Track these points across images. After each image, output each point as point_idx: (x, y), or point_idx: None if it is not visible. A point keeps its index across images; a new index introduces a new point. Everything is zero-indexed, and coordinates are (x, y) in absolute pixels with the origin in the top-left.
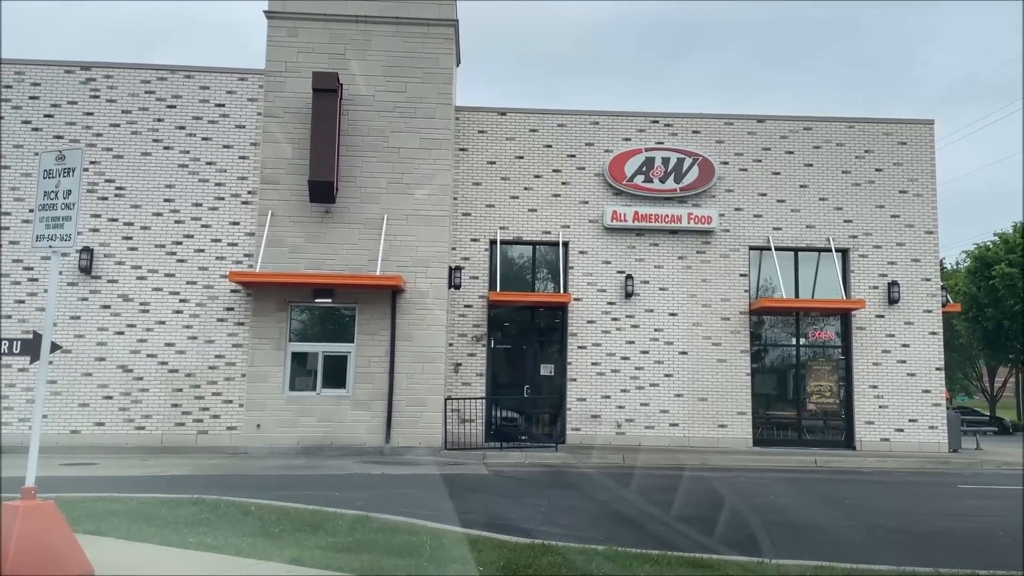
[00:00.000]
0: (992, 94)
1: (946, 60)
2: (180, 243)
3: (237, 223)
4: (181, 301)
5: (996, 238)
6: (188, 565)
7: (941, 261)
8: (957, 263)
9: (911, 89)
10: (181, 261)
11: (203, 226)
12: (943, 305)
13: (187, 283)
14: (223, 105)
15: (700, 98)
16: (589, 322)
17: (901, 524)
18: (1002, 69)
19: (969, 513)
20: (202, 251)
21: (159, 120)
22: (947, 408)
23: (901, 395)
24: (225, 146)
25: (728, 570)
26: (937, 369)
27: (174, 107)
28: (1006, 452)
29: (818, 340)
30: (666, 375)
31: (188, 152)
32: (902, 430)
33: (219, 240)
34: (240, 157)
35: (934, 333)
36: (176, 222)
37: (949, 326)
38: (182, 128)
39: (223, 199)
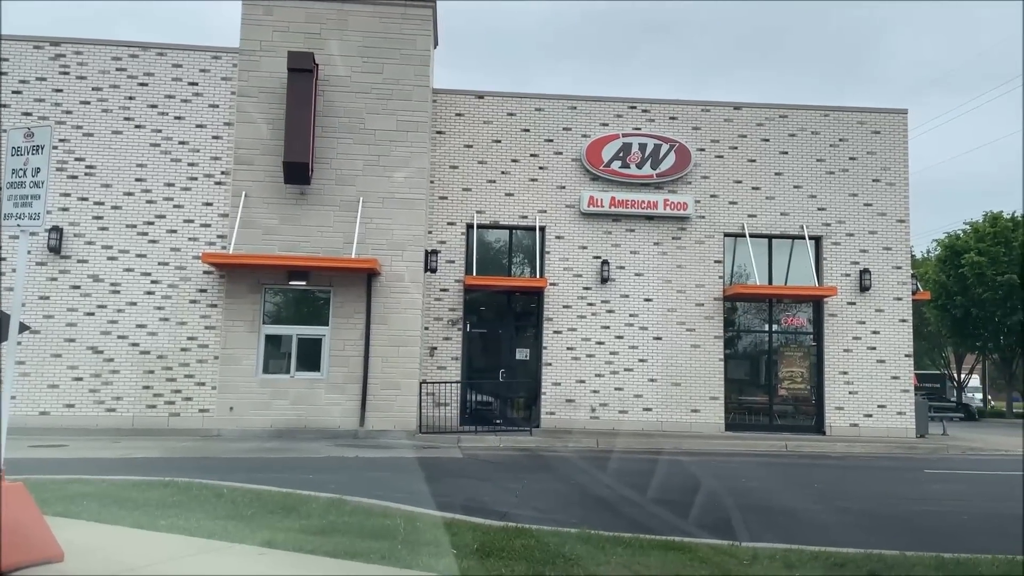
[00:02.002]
0: (961, 86)
1: (914, 51)
2: (152, 223)
3: (210, 204)
4: (153, 282)
5: (966, 227)
6: (159, 547)
7: (912, 249)
8: (927, 252)
9: (879, 78)
10: (153, 242)
11: (175, 206)
12: (913, 293)
13: (159, 264)
14: (196, 84)
15: (669, 83)
16: (565, 307)
17: (869, 507)
18: (972, 61)
19: (935, 497)
20: (174, 232)
21: (130, 98)
22: (917, 394)
23: (870, 381)
24: (198, 125)
25: (700, 552)
26: (906, 356)
27: (146, 85)
28: (972, 438)
29: (790, 326)
30: (640, 360)
31: (160, 131)
32: (871, 416)
33: (192, 221)
34: (213, 137)
35: (904, 320)
36: (148, 202)
37: (918, 314)
38: (154, 106)
39: (196, 179)
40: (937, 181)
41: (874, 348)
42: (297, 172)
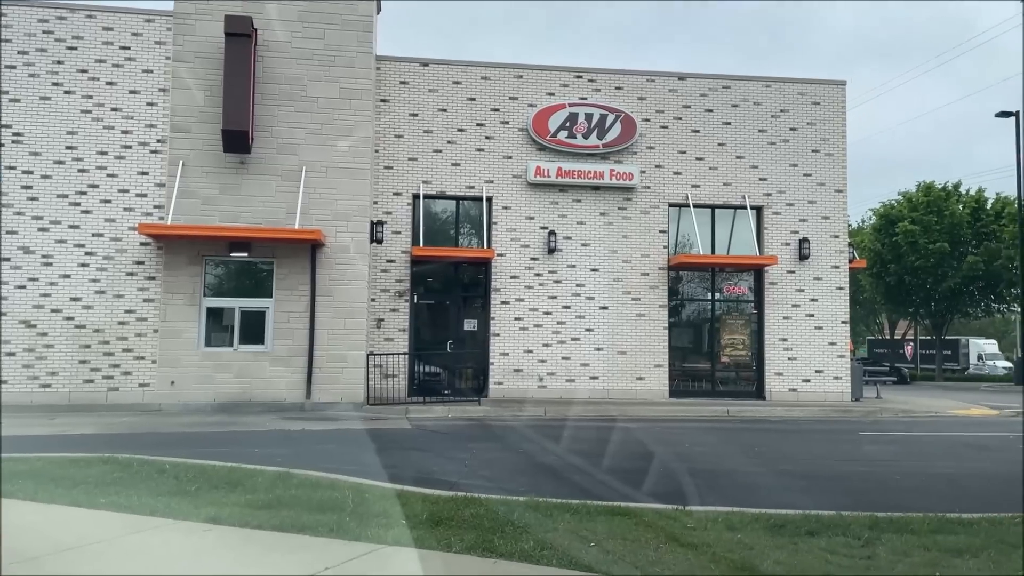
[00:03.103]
0: (895, 59)
1: (847, 23)
2: (84, 193)
3: (146, 173)
4: (87, 254)
5: (900, 197)
6: (99, 526)
7: (849, 219)
8: (863, 221)
9: (816, 49)
10: (86, 212)
11: (109, 175)
12: (850, 261)
13: (93, 235)
14: (128, 48)
15: (612, 50)
16: (512, 277)
17: (807, 470)
18: (905, 35)
19: (869, 458)
20: (108, 202)
21: (59, 62)
22: (851, 359)
23: (809, 347)
24: (131, 91)
25: (646, 517)
26: (843, 322)
27: (75, 49)
28: (903, 400)
29: (732, 295)
30: (587, 329)
31: (91, 97)
32: (809, 381)
33: (127, 191)
34: (148, 103)
35: (841, 288)
36: (80, 171)
37: (854, 281)
38: (84, 71)
39: (130, 147)
40: (873, 152)
41: (812, 315)
42: (236, 140)
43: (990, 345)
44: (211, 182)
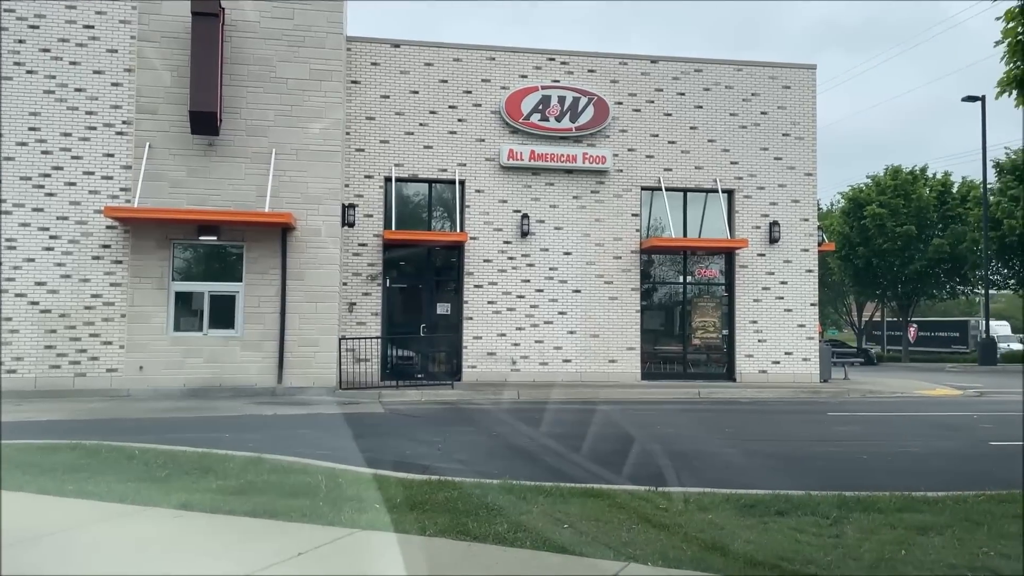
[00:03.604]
0: (862, 45)
1: (817, 7)
2: (48, 175)
3: (111, 155)
4: (52, 238)
5: (869, 180)
6: (67, 513)
7: (818, 202)
8: (832, 204)
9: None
10: (50, 195)
11: (73, 157)
12: (819, 244)
13: (58, 218)
14: (92, 27)
15: (586, 33)
16: (485, 261)
17: (776, 450)
18: (871, 18)
19: (837, 439)
20: (73, 184)
21: (20, 41)
22: (819, 341)
23: (778, 330)
24: (96, 72)
25: (619, 498)
26: (812, 305)
27: (37, 27)
28: (870, 381)
29: (704, 278)
30: (560, 313)
31: (54, 77)
32: (778, 362)
33: (92, 173)
34: (113, 84)
35: (810, 271)
36: (43, 152)
37: (823, 264)
38: (46, 51)
39: (95, 129)
40: (842, 136)
41: (782, 298)
42: (204, 122)
43: (1002, 326)
44: (179, 164)
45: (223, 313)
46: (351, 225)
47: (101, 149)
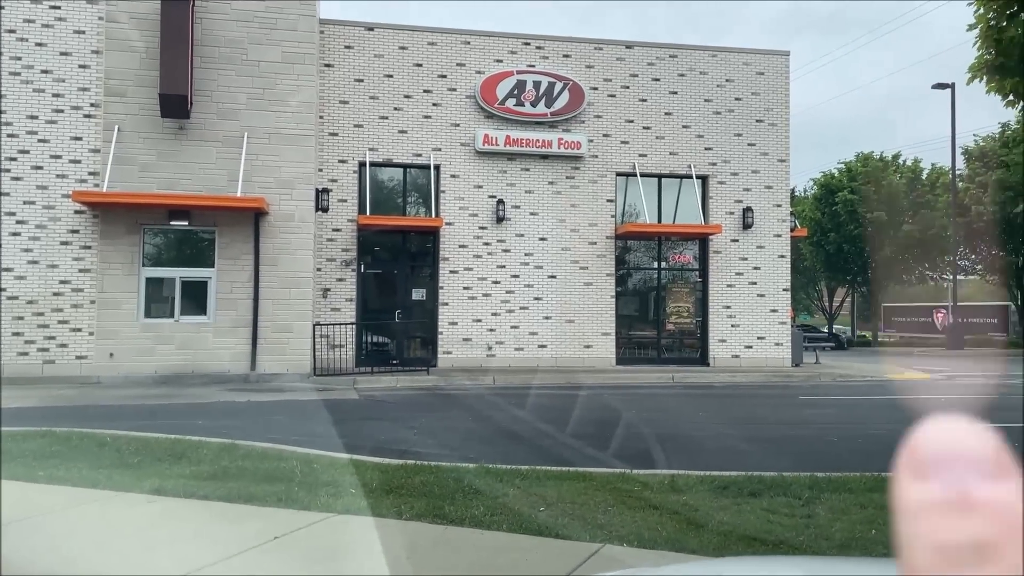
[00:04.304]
0: (831, 28)
1: None
2: (14, 159)
3: (79, 138)
4: (18, 223)
5: (840, 167)
6: (38, 499)
7: (792, 189)
8: (804, 190)
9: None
10: (16, 179)
11: (40, 141)
12: (791, 230)
13: (24, 203)
14: (58, 7)
15: (564, 15)
16: (461, 246)
17: (749, 433)
18: (841, 8)
19: (808, 421)
20: (40, 168)
21: None
22: (791, 326)
23: (751, 314)
24: (62, 53)
25: (595, 481)
26: (784, 290)
27: (1, 7)
28: (841, 365)
29: (678, 263)
30: (535, 298)
31: (20, 59)
32: (751, 347)
33: (59, 156)
34: (80, 66)
35: (782, 256)
36: (9, 136)
37: (795, 249)
38: (11, 32)
39: (62, 112)
40: (814, 122)
41: (755, 283)
42: (174, 105)
43: None
44: (148, 148)
45: (195, 299)
46: (325, 210)
47: (68, 132)
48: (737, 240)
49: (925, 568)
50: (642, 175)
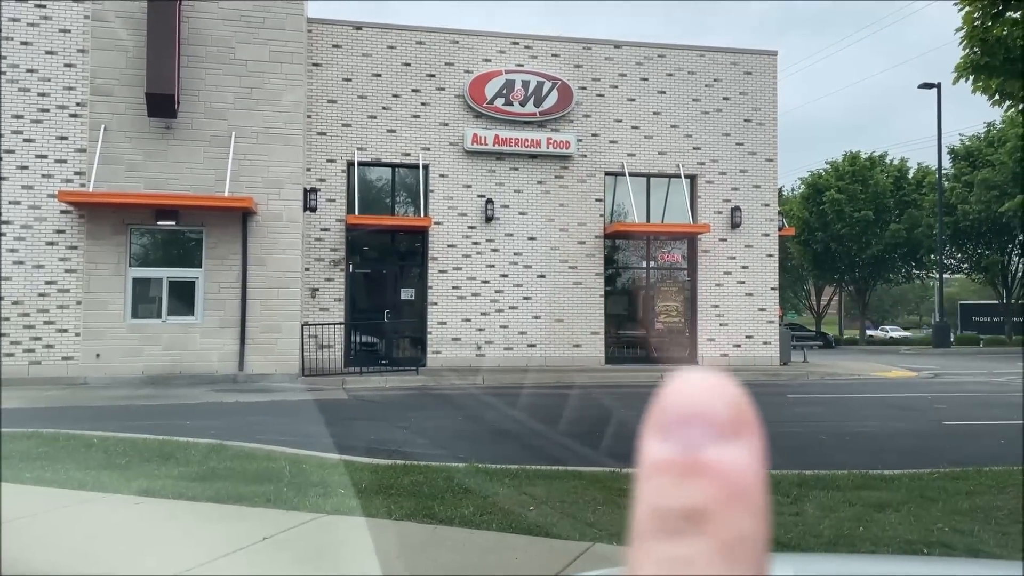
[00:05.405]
0: (822, 28)
1: None
2: None
3: (65, 138)
4: (4, 223)
5: (828, 166)
6: (25, 501)
7: (779, 188)
8: (792, 189)
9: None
10: (1, 179)
11: (26, 140)
12: (779, 229)
13: (9, 203)
14: (44, 6)
15: (552, 13)
16: (450, 246)
17: None
18: (832, 7)
19: (797, 419)
20: (25, 168)
21: None
22: (779, 325)
23: (740, 314)
24: (48, 52)
25: (584, 479)
26: (772, 289)
27: None
28: (829, 364)
29: (667, 263)
30: (525, 298)
31: (5, 58)
32: (739, 346)
33: (45, 156)
34: (66, 65)
35: (771, 255)
36: None
37: (783, 248)
38: None
39: (48, 111)
40: (802, 121)
41: (743, 282)
42: (161, 104)
43: None
44: (135, 148)
45: (182, 299)
46: (313, 210)
47: (54, 132)
48: (725, 239)
49: (641, 534)
50: (631, 174)
